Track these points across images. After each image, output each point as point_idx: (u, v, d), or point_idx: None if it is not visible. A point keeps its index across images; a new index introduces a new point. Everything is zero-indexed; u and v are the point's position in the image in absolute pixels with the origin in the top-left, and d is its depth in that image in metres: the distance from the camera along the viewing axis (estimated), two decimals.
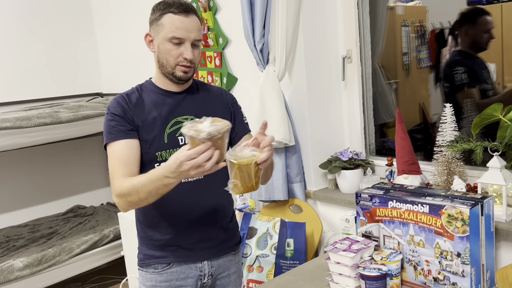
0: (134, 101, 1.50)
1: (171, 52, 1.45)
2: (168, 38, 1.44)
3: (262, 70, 2.29)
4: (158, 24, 1.45)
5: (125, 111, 1.47)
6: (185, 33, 1.43)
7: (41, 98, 3.76)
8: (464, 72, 2.16)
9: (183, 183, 1.48)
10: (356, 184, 2.22)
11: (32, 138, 2.91)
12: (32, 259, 2.89)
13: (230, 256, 1.65)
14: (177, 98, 1.54)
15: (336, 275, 1.58)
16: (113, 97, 1.52)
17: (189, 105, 1.54)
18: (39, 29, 3.73)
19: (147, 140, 1.47)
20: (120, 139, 1.44)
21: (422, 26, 2.44)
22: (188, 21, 1.44)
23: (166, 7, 1.44)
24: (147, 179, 1.31)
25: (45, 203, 3.83)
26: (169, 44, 1.44)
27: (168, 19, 1.43)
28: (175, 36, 1.43)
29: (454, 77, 2.18)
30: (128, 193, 1.36)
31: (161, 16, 1.45)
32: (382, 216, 1.62)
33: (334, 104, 2.42)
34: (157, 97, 1.52)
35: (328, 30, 2.36)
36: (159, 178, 1.28)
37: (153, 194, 1.33)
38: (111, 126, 1.46)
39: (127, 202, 1.38)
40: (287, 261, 2.21)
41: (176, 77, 1.48)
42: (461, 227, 1.43)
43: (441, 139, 1.91)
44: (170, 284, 1.56)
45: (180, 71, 1.47)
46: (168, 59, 1.46)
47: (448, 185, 1.89)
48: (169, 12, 1.43)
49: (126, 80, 3.78)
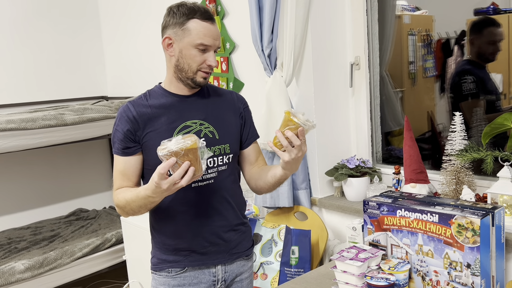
0: (141, 109, 1.49)
1: (196, 58, 1.44)
2: (195, 45, 1.42)
3: (270, 76, 2.28)
4: (182, 29, 1.43)
5: (128, 126, 1.47)
6: (211, 40, 1.43)
7: (46, 100, 3.76)
8: (472, 82, 2.15)
9: (193, 187, 1.48)
10: (363, 192, 2.20)
11: (36, 140, 2.90)
12: (33, 261, 2.87)
13: (243, 261, 1.63)
14: (187, 102, 1.52)
15: (343, 284, 1.55)
16: (121, 106, 1.53)
17: (198, 109, 1.52)
18: (45, 31, 3.74)
19: (155, 146, 1.45)
20: (119, 155, 1.50)
21: (428, 35, 2.43)
22: (213, 28, 1.45)
23: (191, 12, 1.42)
24: (135, 196, 1.40)
25: (47, 205, 3.82)
26: (195, 50, 1.43)
27: (195, 25, 1.42)
28: (203, 43, 1.42)
29: (462, 86, 2.17)
30: (124, 206, 1.45)
31: (186, 21, 1.42)
32: (390, 224, 1.60)
33: (341, 111, 2.40)
34: (166, 101, 1.51)
35: (336, 37, 2.35)
36: (143, 197, 1.37)
37: (143, 208, 1.42)
38: (114, 140, 1.51)
39: (125, 212, 1.47)
40: (292, 269, 2.18)
41: (196, 82, 1.48)
42: (471, 237, 1.40)
43: (450, 148, 1.89)
44: None
45: (201, 76, 1.47)
46: (191, 65, 1.45)
47: (457, 194, 1.86)
48: (195, 18, 1.42)
49: (132, 84, 3.78)
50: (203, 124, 1.50)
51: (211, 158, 1.50)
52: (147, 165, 1.50)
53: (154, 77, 3.48)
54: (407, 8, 2.48)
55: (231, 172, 1.56)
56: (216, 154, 1.51)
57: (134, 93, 3.66)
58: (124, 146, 1.48)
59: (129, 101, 1.52)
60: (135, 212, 1.44)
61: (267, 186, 1.54)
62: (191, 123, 1.50)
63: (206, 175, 1.50)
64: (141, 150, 1.49)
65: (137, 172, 1.51)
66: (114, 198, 1.49)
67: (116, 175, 1.51)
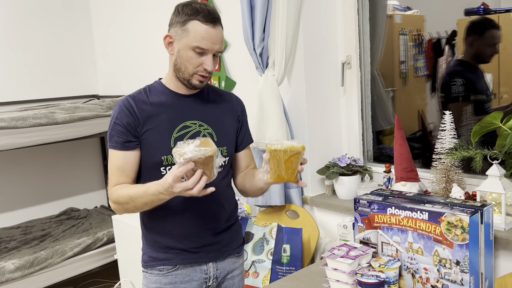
0: (141, 105, 1.47)
1: (192, 60, 1.42)
2: (192, 47, 1.40)
3: (261, 74, 2.28)
4: (182, 29, 1.40)
5: (129, 119, 1.44)
6: (209, 44, 1.40)
7: (37, 99, 3.73)
8: (462, 85, 2.16)
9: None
10: (354, 191, 2.21)
11: (27, 139, 2.87)
12: (24, 261, 2.85)
13: (234, 258, 1.64)
14: (186, 101, 1.51)
15: (334, 281, 1.56)
16: (120, 99, 1.49)
17: (198, 110, 1.52)
18: (36, 29, 3.71)
19: (153, 144, 1.46)
20: (118, 149, 1.46)
21: (419, 35, 2.45)
22: (214, 32, 1.41)
23: (193, 13, 1.39)
24: (144, 192, 1.37)
25: (38, 204, 3.79)
26: (191, 52, 1.41)
27: (194, 26, 1.39)
28: (199, 46, 1.40)
29: (453, 87, 2.18)
30: (125, 202, 1.42)
31: (187, 21, 1.40)
32: (380, 222, 1.61)
33: (332, 110, 2.41)
34: (167, 99, 1.50)
35: (328, 36, 2.35)
36: (154, 193, 1.34)
37: (148, 205, 1.39)
38: (112, 134, 1.46)
39: (123, 209, 1.44)
40: (283, 267, 2.19)
41: (191, 84, 1.46)
42: (460, 234, 1.42)
43: (440, 147, 1.90)
44: (175, 286, 1.55)
45: (197, 80, 1.45)
46: (187, 66, 1.43)
47: (447, 192, 1.88)
48: (196, 19, 1.39)
49: (123, 82, 3.76)
50: (202, 125, 1.50)
51: None
52: (144, 162, 1.49)
53: (145, 76, 3.47)
54: (398, 8, 2.50)
55: (226, 174, 1.57)
56: None
57: (126, 92, 3.65)
58: (125, 140, 1.45)
59: (129, 96, 1.49)
60: (137, 209, 1.42)
61: (252, 189, 1.56)
62: (190, 123, 1.49)
63: None
64: (140, 147, 1.47)
65: (135, 168, 1.48)
66: (112, 194, 1.44)
67: (112, 170, 1.47)
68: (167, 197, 1.34)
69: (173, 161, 1.45)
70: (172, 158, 1.46)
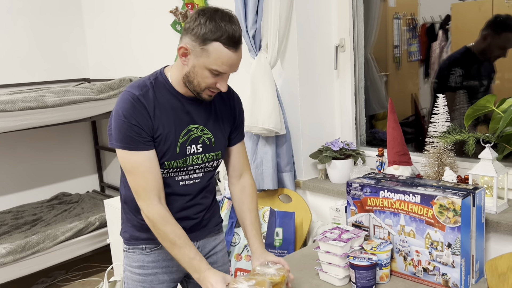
0: (152, 105, 1.40)
1: (207, 80, 1.37)
2: (210, 69, 1.35)
3: (254, 57, 2.26)
4: (202, 48, 1.33)
5: (146, 121, 1.38)
6: (228, 68, 1.36)
7: (27, 82, 3.68)
8: (460, 76, 2.13)
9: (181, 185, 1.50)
10: (347, 174, 2.21)
11: (16, 122, 2.83)
12: (15, 245, 2.83)
13: (214, 235, 1.68)
14: (191, 104, 1.48)
15: (326, 264, 1.56)
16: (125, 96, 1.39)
17: (201, 114, 1.49)
18: (26, 13, 3.64)
19: (160, 150, 1.43)
20: (139, 150, 1.38)
21: (413, 19, 2.42)
22: (235, 56, 1.35)
23: (216, 32, 1.31)
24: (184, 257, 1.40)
25: (29, 189, 3.76)
26: (207, 72, 1.36)
27: (216, 48, 1.32)
28: (218, 70, 1.35)
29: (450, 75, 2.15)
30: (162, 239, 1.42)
31: (208, 42, 1.31)
32: (373, 206, 1.61)
33: (326, 93, 2.39)
34: (174, 101, 1.45)
35: (321, 18, 2.33)
36: (190, 269, 1.40)
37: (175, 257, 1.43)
38: (128, 136, 1.37)
39: (153, 231, 1.43)
40: (276, 250, 2.19)
41: (201, 97, 1.43)
42: (452, 217, 1.42)
43: (433, 130, 1.90)
44: (158, 264, 1.56)
45: (207, 94, 1.42)
46: (201, 83, 1.38)
47: (439, 176, 1.88)
48: (219, 41, 1.31)
49: (114, 65, 3.72)
50: (203, 131, 1.49)
51: (204, 163, 1.51)
52: None
53: (135, 60, 3.42)
54: None
55: (214, 172, 1.60)
56: (209, 160, 1.52)
57: (116, 76, 3.60)
58: (144, 140, 1.38)
59: (139, 94, 1.39)
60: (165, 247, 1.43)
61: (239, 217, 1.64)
62: (193, 127, 1.47)
63: (193, 174, 1.51)
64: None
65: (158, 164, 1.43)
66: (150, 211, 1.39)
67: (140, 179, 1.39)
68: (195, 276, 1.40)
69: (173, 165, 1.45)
70: (174, 163, 1.45)
